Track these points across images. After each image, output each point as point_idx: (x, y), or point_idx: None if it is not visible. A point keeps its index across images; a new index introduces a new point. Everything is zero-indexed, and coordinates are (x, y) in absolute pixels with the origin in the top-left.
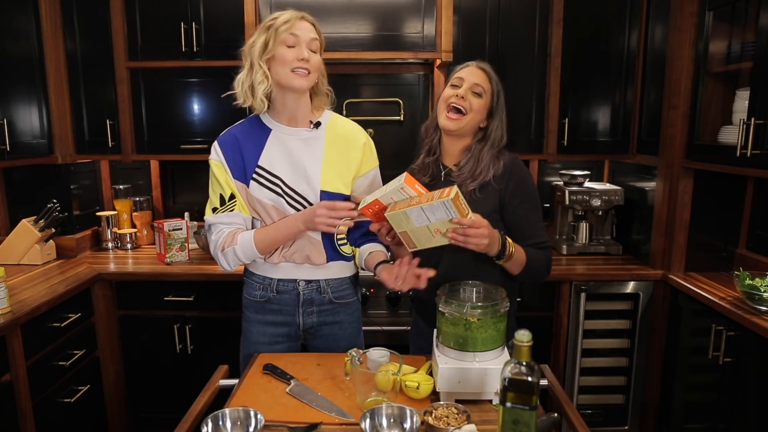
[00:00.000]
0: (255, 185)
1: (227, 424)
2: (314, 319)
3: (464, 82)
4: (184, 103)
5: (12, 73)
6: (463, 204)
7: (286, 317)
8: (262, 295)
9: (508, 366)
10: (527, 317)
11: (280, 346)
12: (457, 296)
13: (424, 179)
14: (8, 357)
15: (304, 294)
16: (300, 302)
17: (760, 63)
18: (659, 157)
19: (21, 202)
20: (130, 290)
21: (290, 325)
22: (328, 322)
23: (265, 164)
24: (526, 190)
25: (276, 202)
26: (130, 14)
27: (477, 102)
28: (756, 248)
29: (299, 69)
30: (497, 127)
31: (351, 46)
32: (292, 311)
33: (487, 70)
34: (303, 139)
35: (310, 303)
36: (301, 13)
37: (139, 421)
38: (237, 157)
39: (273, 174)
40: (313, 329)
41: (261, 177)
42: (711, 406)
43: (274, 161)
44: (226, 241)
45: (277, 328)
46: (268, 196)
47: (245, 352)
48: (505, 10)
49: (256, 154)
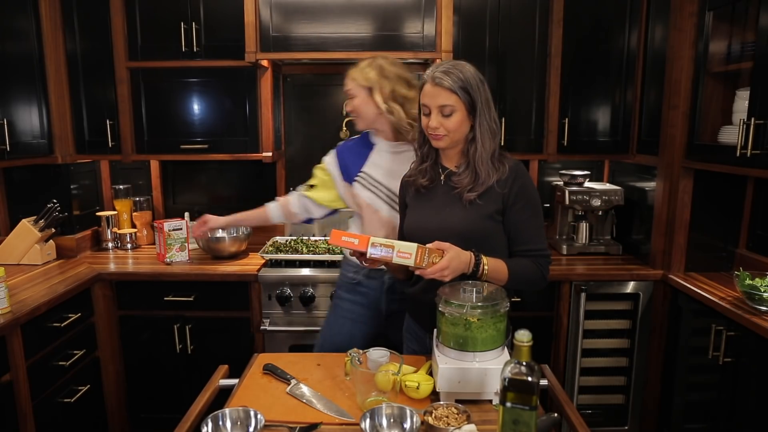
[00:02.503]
0: (358, 186)
1: (227, 424)
2: (396, 306)
3: (430, 110)
4: (184, 103)
5: (12, 73)
6: (427, 254)
7: (371, 300)
8: (353, 277)
9: (508, 366)
10: (527, 317)
11: (363, 326)
12: (457, 296)
13: (423, 182)
14: (8, 357)
15: (387, 282)
16: (384, 288)
17: (760, 63)
18: (659, 157)
19: (21, 202)
20: (130, 290)
21: (374, 309)
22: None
23: (368, 171)
24: (528, 196)
25: (372, 201)
26: (130, 14)
27: (452, 121)
28: (756, 248)
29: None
30: (481, 124)
31: (351, 46)
32: (378, 297)
33: (445, 84)
34: (400, 151)
35: (393, 290)
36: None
37: (139, 421)
38: (347, 164)
39: (374, 179)
40: (394, 315)
41: (363, 180)
42: (711, 406)
43: (375, 169)
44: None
45: (363, 309)
46: (367, 196)
47: (331, 324)
48: (505, 10)
49: (360, 163)
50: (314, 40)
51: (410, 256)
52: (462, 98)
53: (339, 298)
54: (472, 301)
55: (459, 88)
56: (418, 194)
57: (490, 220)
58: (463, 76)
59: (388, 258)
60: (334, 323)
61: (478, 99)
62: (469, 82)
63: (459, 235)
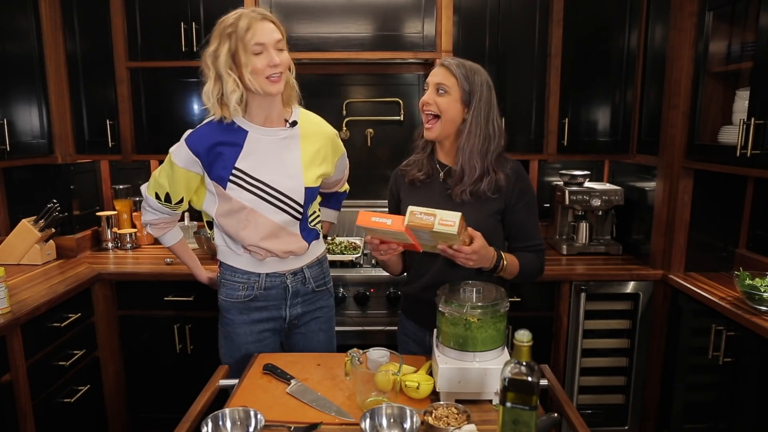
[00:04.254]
0: (234, 187)
1: (227, 424)
2: (299, 310)
3: (429, 86)
4: (184, 103)
5: (12, 73)
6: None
7: (272, 312)
8: (247, 294)
9: (508, 366)
10: (527, 317)
11: (269, 342)
12: (457, 296)
13: (419, 175)
14: (8, 357)
15: (291, 287)
16: (288, 295)
17: (760, 63)
18: (659, 157)
19: (21, 202)
20: (130, 290)
21: (276, 320)
22: (310, 310)
23: (244, 167)
24: (528, 196)
25: (254, 204)
26: (130, 14)
27: (443, 100)
28: (756, 248)
29: (273, 75)
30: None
31: (351, 46)
32: (279, 305)
33: (449, 66)
34: (281, 138)
35: (296, 294)
36: (259, 14)
37: (139, 421)
38: (214, 158)
39: (253, 177)
40: (297, 320)
41: (240, 180)
42: (711, 406)
43: (254, 164)
44: (158, 224)
45: (264, 324)
46: (247, 198)
47: (232, 355)
48: (505, 10)
49: (233, 157)
50: (314, 40)
51: (454, 224)
52: (460, 84)
53: (230, 325)
54: (472, 301)
55: (461, 74)
56: (413, 187)
57: (491, 219)
58: (469, 70)
59: (429, 225)
60: (236, 351)
61: (476, 93)
62: (473, 77)
63: None
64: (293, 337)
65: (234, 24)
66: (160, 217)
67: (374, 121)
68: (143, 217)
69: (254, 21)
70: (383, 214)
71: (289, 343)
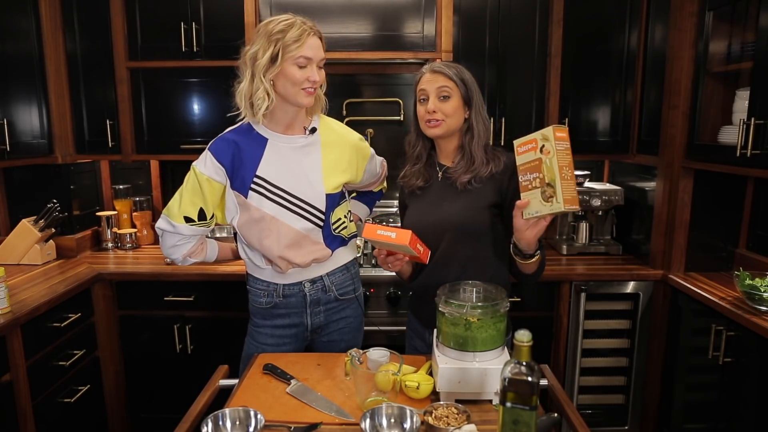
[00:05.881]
0: (255, 196)
1: (227, 424)
2: (321, 319)
3: (428, 94)
4: (184, 103)
5: (12, 73)
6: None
7: (293, 319)
8: (268, 301)
9: (508, 366)
10: (527, 317)
11: (288, 347)
12: (457, 296)
13: (418, 183)
14: (8, 357)
15: (310, 295)
16: (307, 303)
17: (760, 63)
18: (659, 157)
19: (21, 202)
20: (130, 290)
21: (298, 326)
22: (334, 319)
23: (265, 175)
24: None
25: (275, 212)
26: (130, 14)
27: (448, 106)
28: (756, 248)
29: (309, 88)
30: (477, 116)
31: (351, 46)
32: (300, 312)
33: (443, 71)
34: (301, 146)
35: (317, 303)
36: (310, 28)
37: (139, 421)
38: (237, 167)
39: (274, 185)
40: (320, 328)
41: (261, 188)
42: (711, 406)
43: (274, 172)
44: (195, 251)
45: (285, 330)
46: (268, 206)
47: (250, 352)
48: (505, 10)
49: (253, 165)
50: None
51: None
52: (459, 87)
53: (255, 326)
54: (472, 301)
55: (458, 78)
56: (414, 195)
57: (488, 211)
58: (460, 71)
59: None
60: (255, 351)
61: (474, 93)
62: (466, 78)
63: (458, 227)
64: (316, 346)
65: (283, 32)
66: (195, 243)
67: (374, 121)
68: (174, 256)
69: (305, 34)
70: (388, 227)
71: (311, 352)
